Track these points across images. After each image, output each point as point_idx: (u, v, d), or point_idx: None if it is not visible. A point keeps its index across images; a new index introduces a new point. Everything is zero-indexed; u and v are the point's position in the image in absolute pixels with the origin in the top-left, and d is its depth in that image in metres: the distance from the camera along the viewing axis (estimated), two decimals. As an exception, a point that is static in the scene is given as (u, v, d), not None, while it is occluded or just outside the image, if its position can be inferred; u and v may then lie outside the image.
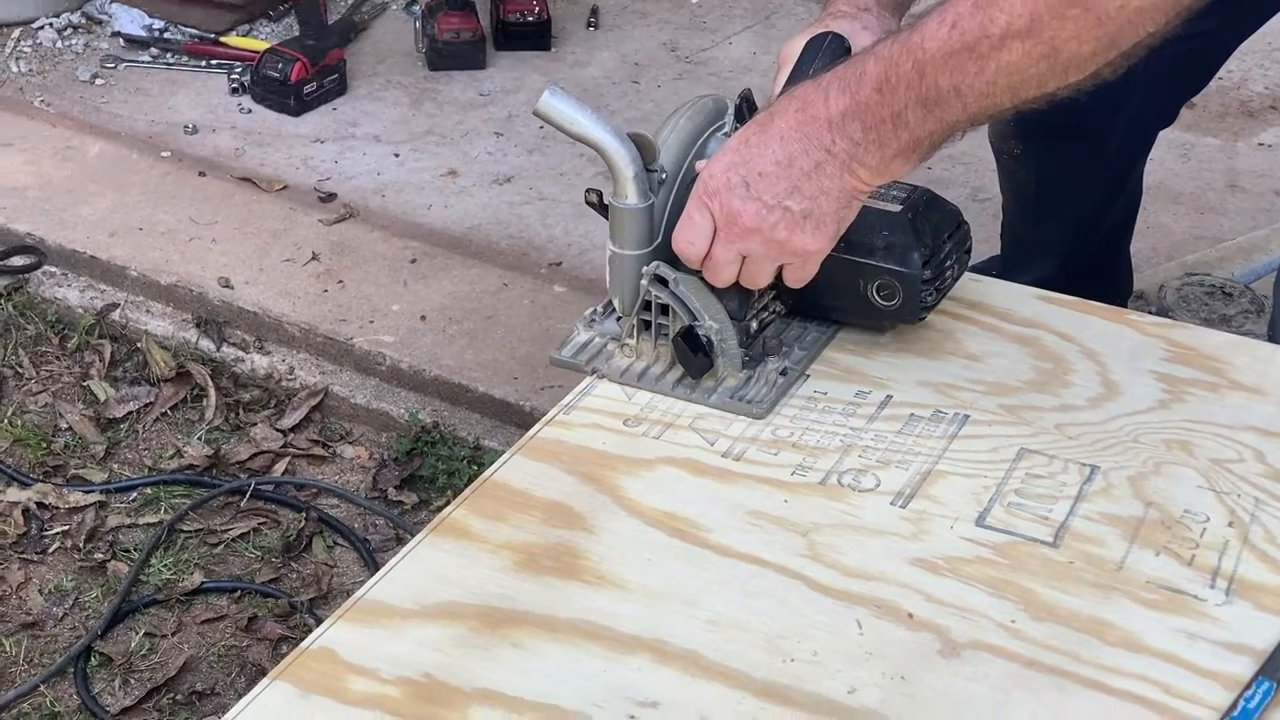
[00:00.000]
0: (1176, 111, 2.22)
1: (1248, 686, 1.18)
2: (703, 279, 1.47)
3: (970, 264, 1.60)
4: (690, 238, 1.43)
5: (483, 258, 2.85)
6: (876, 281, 1.50)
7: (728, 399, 1.48)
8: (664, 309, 1.49)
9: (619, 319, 1.54)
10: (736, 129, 1.47)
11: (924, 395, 1.50)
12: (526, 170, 3.15)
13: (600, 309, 1.58)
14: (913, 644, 1.22)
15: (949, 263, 1.52)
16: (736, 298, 1.49)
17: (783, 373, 1.51)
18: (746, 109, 1.53)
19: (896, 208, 1.49)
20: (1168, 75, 1.79)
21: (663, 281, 1.48)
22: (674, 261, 1.47)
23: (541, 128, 3.14)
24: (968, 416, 1.47)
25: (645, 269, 1.48)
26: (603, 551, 1.31)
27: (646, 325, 1.51)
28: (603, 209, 1.49)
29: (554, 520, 1.35)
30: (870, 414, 1.47)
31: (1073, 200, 2.21)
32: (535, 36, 3.59)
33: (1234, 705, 1.16)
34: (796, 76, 1.51)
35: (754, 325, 1.52)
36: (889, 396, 1.49)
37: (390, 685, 1.19)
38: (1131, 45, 1.28)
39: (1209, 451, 1.42)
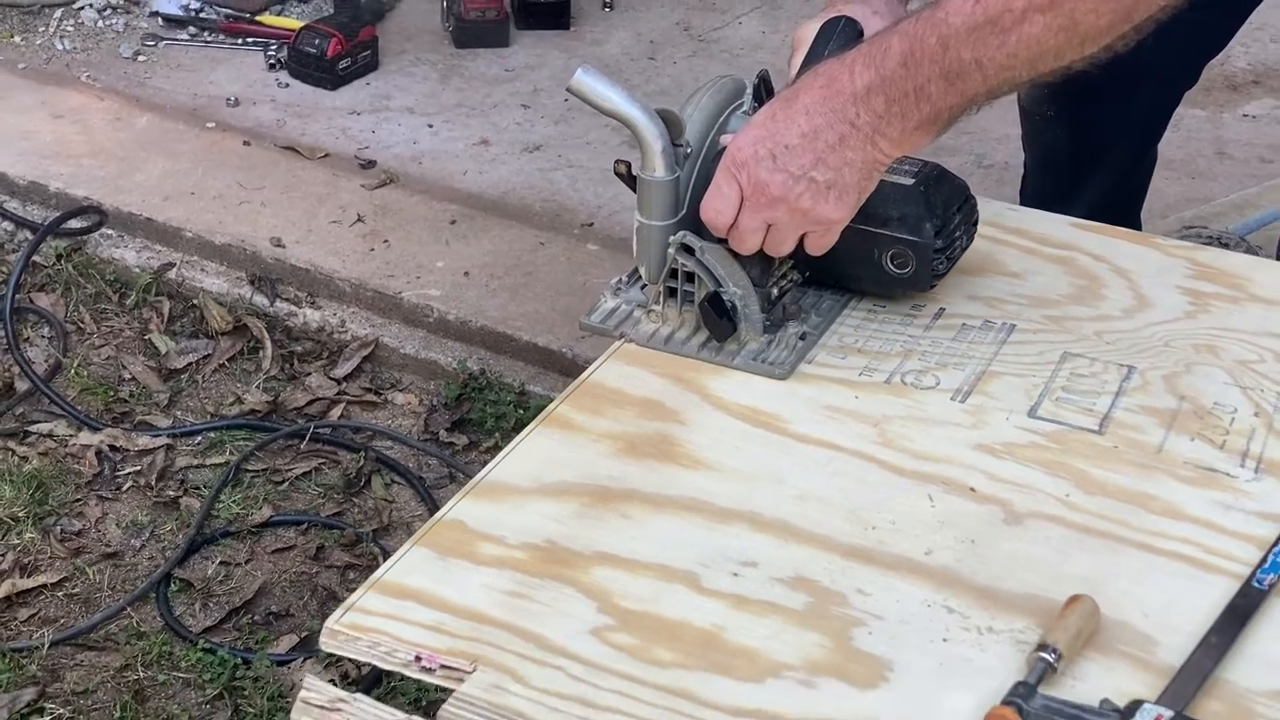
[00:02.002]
0: (1200, 71, 2.32)
1: (1276, 543, 1.33)
2: (727, 248, 1.52)
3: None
4: (718, 207, 1.48)
5: (519, 219, 3.00)
6: (891, 251, 1.58)
7: (750, 361, 1.54)
8: (689, 276, 1.55)
9: (644, 287, 1.61)
10: (755, 107, 1.56)
11: (973, 308, 1.65)
12: (554, 139, 3.29)
13: (625, 278, 1.66)
14: (980, 514, 1.37)
15: (958, 233, 1.62)
16: (759, 265, 1.55)
17: (802, 337, 1.57)
18: (764, 89, 1.62)
19: (909, 181, 1.57)
20: (1191, 36, 1.89)
21: (689, 250, 1.53)
22: (699, 231, 1.52)
23: (566, 100, 3.29)
24: (1014, 326, 1.62)
25: (672, 238, 1.53)
26: (696, 439, 1.46)
27: (672, 292, 1.57)
28: (630, 181, 1.53)
29: (649, 414, 1.49)
30: (926, 324, 1.62)
31: (1105, 159, 2.31)
32: (555, 16, 3.75)
33: (1264, 559, 1.32)
34: (812, 59, 1.59)
35: (774, 292, 1.58)
36: (942, 309, 1.64)
37: (517, 550, 1.33)
38: (1144, 18, 1.37)
39: (1233, 354, 1.58)
